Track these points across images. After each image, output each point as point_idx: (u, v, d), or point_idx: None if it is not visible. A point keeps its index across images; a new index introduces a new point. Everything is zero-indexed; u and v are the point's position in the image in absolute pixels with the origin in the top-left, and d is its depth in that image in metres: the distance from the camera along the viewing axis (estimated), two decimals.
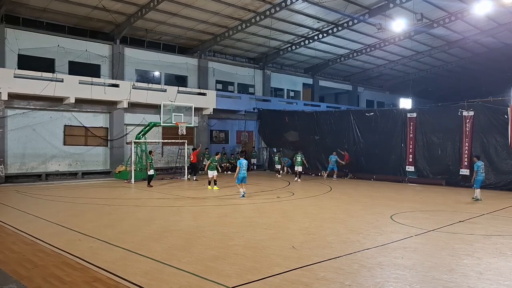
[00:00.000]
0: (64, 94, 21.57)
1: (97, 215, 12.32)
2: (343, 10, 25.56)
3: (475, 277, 6.71)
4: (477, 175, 15.36)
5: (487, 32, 30.21)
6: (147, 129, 22.68)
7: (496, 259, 7.75)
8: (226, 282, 6.34)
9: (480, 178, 15.44)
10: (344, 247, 8.53)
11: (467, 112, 19.97)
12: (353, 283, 6.41)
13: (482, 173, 15.67)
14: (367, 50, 33.38)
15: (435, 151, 21.14)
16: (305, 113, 29.07)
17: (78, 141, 23.45)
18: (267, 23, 26.57)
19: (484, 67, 39.67)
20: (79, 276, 6.66)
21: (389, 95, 46.73)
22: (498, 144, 19.09)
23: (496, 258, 7.82)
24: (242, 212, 13.07)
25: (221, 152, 24.83)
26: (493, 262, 7.55)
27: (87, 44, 24.44)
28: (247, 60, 33.57)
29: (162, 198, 16.13)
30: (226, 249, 8.35)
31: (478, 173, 15.34)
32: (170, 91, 25.23)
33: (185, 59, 29.11)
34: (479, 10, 23.85)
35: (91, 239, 9.14)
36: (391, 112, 24.46)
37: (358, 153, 24.57)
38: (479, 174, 15.37)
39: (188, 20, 25.46)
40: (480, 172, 15.43)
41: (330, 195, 17.43)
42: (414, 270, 7.09)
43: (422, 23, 25.54)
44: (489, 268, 7.18)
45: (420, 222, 11.22)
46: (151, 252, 8.01)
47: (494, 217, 12.34)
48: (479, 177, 15.37)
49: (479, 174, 15.37)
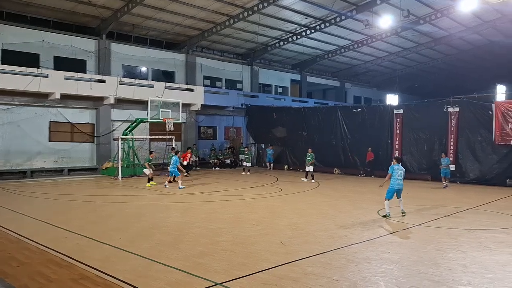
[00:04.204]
0: (49, 90, 21.25)
1: (84, 212, 12.21)
2: (331, 6, 25.61)
3: (460, 271, 6.83)
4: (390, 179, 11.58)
5: (472, 29, 30.57)
6: (134, 125, 22.50)
7: (480, 253, 7.89)
8: (214, 278, 6.34)
9: (393, 187, 11.41)
10: (332, 242, 8.60)
11: (452, 108, 20.21)
12: (341, 277, 6.46)
13: (398, 179, 11.43)
14: (354, 47, 33.53)
15: (421, 147, 21.37)
16: (293, 109, 29.15)
17: (64, 137, 23.15)
18: (255, 19, 26.51)
19: (469, 64, 40.20)
20: (66, 274, 6.60)
21: (376, 91, 47.08)
22: (483, 140, 19.38)
23: (480, 252, 7.95)
24: (230, 208, 13.07)
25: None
26: (477, 256, 7.68)
27: (72, 39, 24.11)
28: (235, 56, 33.47)
29: (149, 194, 16.04)
30: (214, 245, 8.35)
31: (393, 177, 11.47)
32: (157, 87, 25.04)
33: (172, 54, 28.92)
34: (465, 7, 24.14)
35: (78, 236, 9.05)
36: (378, 108, 24.65)
37: (346, 149, 24.71)
38: (393, 178, 11.47)
39: (175, 15, 25.27)
40: (395, 178, 11.42)
41: (318, 190, 17.52)
42: (401, 264, 7.18)
43: (409, 19, 25.78)
44: (474, 262, 7.31)
45: (406, 217, 11.35)
46: (138, 249, 7.97)
47: (479, 211, 12.54)
48: (392, 186, 11.45)
49: (392, 179, 11.50)
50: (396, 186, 11.38)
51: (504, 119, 18.54)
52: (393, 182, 11.42)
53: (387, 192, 11.41)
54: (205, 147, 29.22)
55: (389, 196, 11.35)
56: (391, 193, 11.37)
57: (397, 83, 42.39)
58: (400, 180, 11.40)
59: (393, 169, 11.48)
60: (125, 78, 24.88)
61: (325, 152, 24.39)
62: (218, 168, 27.28)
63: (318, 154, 20.20)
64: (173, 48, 29.47)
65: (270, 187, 18.20)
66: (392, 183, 11.42)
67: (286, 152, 28.02)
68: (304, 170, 20.80)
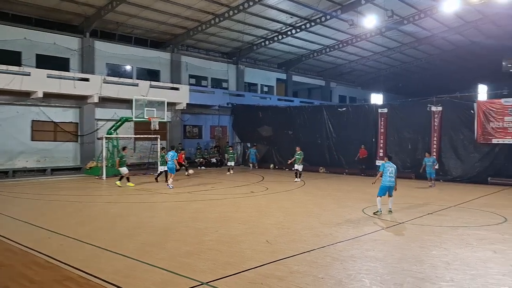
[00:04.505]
0: (31, 88, 20.92)
1: (68, 213, 12.04)
2: (316, 5, 25.73)
3: (443, 268, 6.93)
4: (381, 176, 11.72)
5: (455, 29, 31.04)
6: (119, 124, 22.28)
7: (462, 250, 8.03)
8: (200, 278, 6.33)
9: (385, 184, 11.60)
10: (317, 241, 8.65)
11: (435, 107, 20.51)
12: (326, 275, 6.51)
13: (390, 176, 11.58)
14: (339, 46, 33.74)
15: (405, 146, 21.63)
16: (279, 108, 29.22)
17: (47, 136, 22.81)
18: (240, 18, 26.48)
19: (452, 64, 40.83)
20: (49, 275, 6.50)
21: (361, 90, 47.46)
22: (465, 139, 19.73)
23: (463, 249, 8.09)
24: (216, 207, 13.04)
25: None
26: (459, 253, 7.81)
27: (55, 37, 23.73)
28: (221, 55, 33.38)
29: (135, 194, 15.90)
30: (200, 245, 8.33)
31: (384, 175, 11.61)
32: (142, 86, 24.85)
33: (157, 53, 28.69)
34: (447, 8, 24.47)
35: (62, 237, 8.93)
36: (363, 107, 24.89)
37: (331, 148, 24.88)
38: (384, 176, 11.61)
39: (161, 14, 25.08)
40: (387, 175, 11.59)
41: (304, 189, 17.60)
42: (385, 262, 7.26)
43: (393, 19, 26.06)
44: (456, 258, 7.43)
45: (390, 215, 11.48)
46: (124, 249, 7.90)
47: (461, 209, 12.75)
48: (383, 183, 11.64)
49: (383, 177, 11.64)
50: (387, 183, 11.57)
51: (486, 118, 18.88)
52: (384, 180, 11.61)
53: (379, 189, 11.63)
54: (190, 146, 29.09)
55: (381, 193, 11.59)
56: (383, 190, 11.59)
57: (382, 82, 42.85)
58: (392, 178, 11.57)
59: (384, 167, 11.67)
60: (109, 77, 24.61)
61: (311, 151, 24.49)
62: (204, 167, 27.20)
63: (304, 153, 20.31)
64: (158, 47, 29.25)
65: (256, 186, 18.22)
66: (384, 180, 11.62)
67: (272, 151, 28.07)
68: (293, 169, 20.73)
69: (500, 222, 10.73)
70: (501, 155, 18.95)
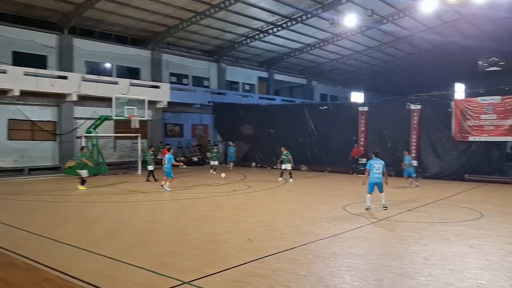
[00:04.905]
0: (7, 86, 20.43)
1: (46, 213, 11.83)
2: (297, 4, 25.83)
3: (421, 263, 7.06)
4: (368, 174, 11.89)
5: (433, 29, 31.59)
6: (99, 122, 21.98)
7: (440, 245, 8.18)
8: (183, 277, 6.29)
9: (372, 181, 11.82)
10: (299, 238, 8.70)
11: (414, 105, 20.83)
12: (308, 272, 6.55)
13: (377, 172, 11.77)
14: (320, 45, 33.94)
15: (385, 143, 21.89)
16: (261, 106, 29.24)
17: (24, 135, 22.35)
18: (222, 16, 26.37)
19: (430, 63, 41.56)
20: (27, 277, 6.37)
21: (342, 89, 47.85)
22: (443, 136, 20.09)
23: (441, 244, 8.25)
24: (199, 206, 12.99)
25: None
26: (438, 248, 7.96)
27: (32, 34, 23.21)
28: (202, 53, 33.19)
29: (115, 193, 15.71)
30: (183, 244, 8.28)
31: (371, 172, 11.80)
32: (122, 84, 24.51)
33: (137, 51, 28.36)
34: (426, 8, 24.86)
35: (40, 238, 8.76)
36: (344, 105, 25.16)
37: (313, 146, 25.03)
38: (371, 173, 11.81)
39: (141, 11, 24.77)
40: (374, 172, 11.78)
41: (286, 187, 17.68)
42: (366, 258, 7.35)
43: (373, 19, 26.35)
44: (434, 254, 7.57)
45: (371, 212, 11.63)
46: (104, 250, 7.79)
47: (439, 205, 12.99)
48: (370, 179, 11.84)
49: (370, 174, 11.83)
50: (374, 180, 11.80)
51: (463, 116, 19.28)
52: (371, 176, 11.84)
53: (368, 186, 11.86)
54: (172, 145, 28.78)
55: (369, 189, 11.84)
56: (371, 187, 11.83)
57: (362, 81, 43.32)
58: (379, 174, 11.78)
59: (371, 164, 11.88)
60: (88, 75, 24.18)
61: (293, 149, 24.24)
62: (185, 166, 27.02)
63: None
64: (139, 44, 28.91)
65: (239, 185, 18.20)
66: (371, 177, 11.84)
67: (253, 150, 28.08)
68: (280, 168, 20.31)
69: (477, 217, 10.98)
70: (478, 152, 19.37)
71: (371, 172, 11.84)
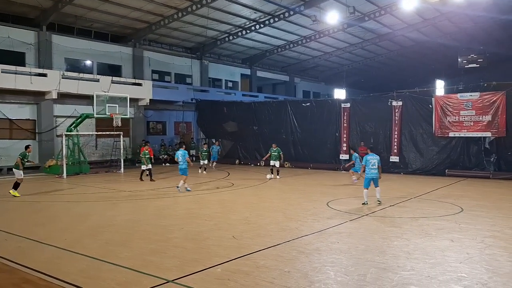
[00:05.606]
0: None
1: (26, 213, 11.60)
2: (279, 1, 25.86)
3: (404, 257, 7.16)
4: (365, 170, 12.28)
5: (414, 26, 32.03)
6: (79, 120, 21.64)
7: (422, 240, 8.31)
8: (166, 276, 6.25)
9: (368, 176, 12.14)
10: (283, 235, 8.72)
11: (396, 102, 21.09)
12: (292, 269, 6.58)
13: (372, 167, 12.05)
14: (303, 42, 34.06)
15: (368, 140, 22.09)
16: (244, 103, 29.19)
17: (2, 134, 21.90)
18: (204, 12, 26.21)
19: (411, 60, 42.10)
20: (6, 278, 6.24)
21: (324, 85, 48.17)
22: (424, 132, 20.41)
23: (423, 239, 8.38)
24: (182, 204, 12.92)
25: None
26: (419, 243, 8.08)
27: (9, 30, 22.70)
28: (184, 50, 32.97)
29: (97, 192, 15.50)
30: (166, 242, 8.23)
31: (367, 167, 12.15)
32: (104, 81, 24.17)
33: (118, 47, 28.00)
34: (406, 5, 25.14)
35: (20, 239, 8.59)
36: (326, 102, 25.27)
37: (296, 143, 25.12)
38: (367, 168, 12.15)
39: (121, 7, 24.45)
40: (369, 167, 12.08)
41: (269, 184, 17.70)
42: (349, 254, 7.42)
43: (355, 16, 26.53)
44: (416, 248, 7.69)
45: (354, 208, 11.74)
46: (86, 249, 7.69)
47: (421, 200, 13.20)
48: (366, 175, 12.21)
49: (366, 169, 12.20)
50: (370, 175, 12.07)
51: (443, 113, 19.61)
52: (367, 171, 12.13)
53: (364, 181, 12.19)
54: (154, 143, 28.59)
55: (365, 185, 12.12)
56: (367, 182, 12.10)
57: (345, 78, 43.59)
58: (375, 170, 12.03)
59: (367, 160, 12.17)
60: (68, 72, 23.81)
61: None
62: (168, 164, 26.83)
63: (269, 148, 20.32)
64: (120, 41, 28.54)
65: (222, 182, 18.16)
66: (367, 172, 12.14)
67: (237, 147, 28.05)
68: (269, 165, 19.77)
69: (457, 212, 11.19)
70: (457, 148, 19.72)
71: (367, 168, 12.13)
